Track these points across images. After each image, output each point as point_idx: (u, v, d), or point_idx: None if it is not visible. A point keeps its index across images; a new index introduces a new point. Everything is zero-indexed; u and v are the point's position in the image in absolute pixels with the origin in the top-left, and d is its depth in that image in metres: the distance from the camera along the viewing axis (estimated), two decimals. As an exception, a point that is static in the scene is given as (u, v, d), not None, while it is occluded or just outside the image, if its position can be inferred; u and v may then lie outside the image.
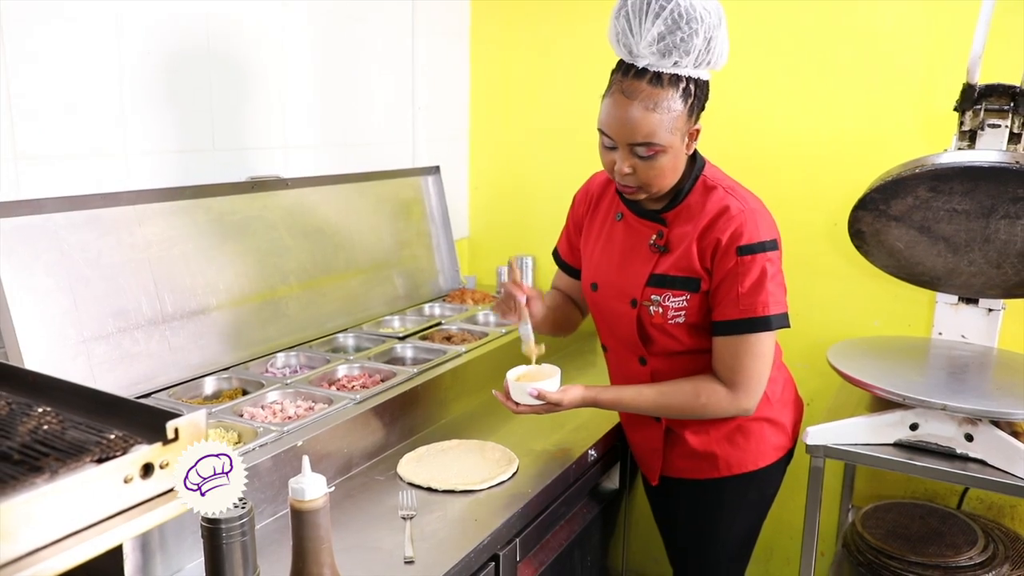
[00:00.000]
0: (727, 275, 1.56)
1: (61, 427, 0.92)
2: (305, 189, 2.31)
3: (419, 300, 2.66)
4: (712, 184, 1.61)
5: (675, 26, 1.43)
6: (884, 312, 2.46)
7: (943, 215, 1.98)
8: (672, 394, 1.64)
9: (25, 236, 1.60)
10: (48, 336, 1.62)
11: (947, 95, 2.15)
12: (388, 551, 1.40)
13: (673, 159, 1.53)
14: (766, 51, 2.51)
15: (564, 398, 1.65)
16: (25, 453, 0.85)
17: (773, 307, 1.56)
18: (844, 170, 2.44)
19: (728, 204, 1.57)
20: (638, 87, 1.47)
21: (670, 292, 1.61)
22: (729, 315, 1.57)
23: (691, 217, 1.60)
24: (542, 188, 2.99)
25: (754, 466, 1.73)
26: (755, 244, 1.54)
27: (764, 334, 1.57)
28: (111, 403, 1.01)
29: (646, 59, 1.47)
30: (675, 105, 1.48)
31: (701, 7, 1.44)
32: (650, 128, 1.48)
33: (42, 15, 1.64)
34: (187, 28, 1.97)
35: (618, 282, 1.69)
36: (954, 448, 1.83)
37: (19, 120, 1.63)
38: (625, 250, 1.69)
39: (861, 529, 2.26)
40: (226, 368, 1.94)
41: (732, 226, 1.55)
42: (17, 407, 0.96)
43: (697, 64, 1.48)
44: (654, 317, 1.64)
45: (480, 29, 3.01)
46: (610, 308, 1.72)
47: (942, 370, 2.08)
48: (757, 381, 1.59)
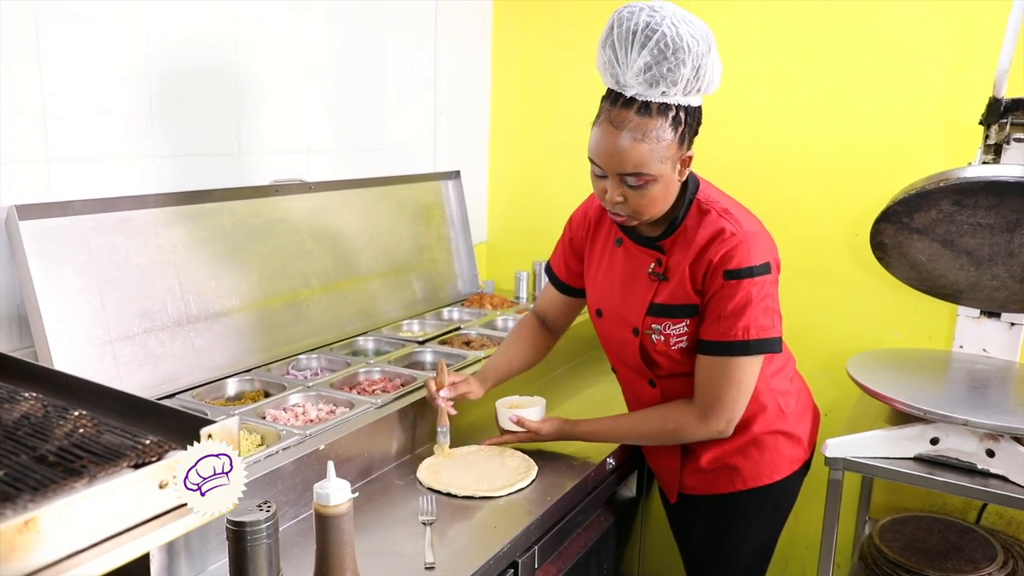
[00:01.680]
0: (713, 296, 1.56)
1: (96, 431, 0.94)
2: (327, 193, 2.33)
3: (438, 304, 2.68)
4: (706, 207, 1.59)
5: (662, 56, 1.40)
6: (904, 324, 2.45)
7: (967, 229, 1.97)
8: (643, 422, 1.69)
9: (55, 237, 1.63)
10: (76, 336, 1.64)
11: (970, 106, 2.15)
12: (409, 556, 1.41)
13: (664, 187, 1.52)
14: (785, 58, 2.50)
15: (543, 427, 1.75)
16: (61, 456, 0.87)
17: (755, 332, 1.54)
18: (865, 180, 2.43)
19: (723, 227, 1.55)
20: (626, 117, 1.45)
21: (670, 321, 1.62)
22: (709, 335, 1.57)
23: (687, 243, 1.59)
24: (561, 193, 2.98)
25: (770, 479, 1.72)
26: (743, 269, 1.52)
27: (742, 359, 1.55)
28: (144, 407, 1.03)
29: (634, 88, 1.44)
30: (664, 134, 1.46)
31: (688, 36, 1.41)
32: (639, 158, 1.46)
33: (76, 22, 1.67)
34: (213, 35, 1.99)
35: (620, 310, 1.70)
36: (975, 464, 1.83)
37: (52, 123, 1.66)
38: (625, 278, 1.69)
39: (878, 542, 2.25)
40: (248, 370, 1.97)
41: (724, 249, 1.53)
42: (53, 410, 0.98)
43: (686, 92, 1.46)
44: (657, 344, 1.64)
45: (502, 33, 3.03)
46: (614, 335, 1.73)
47: (963, 384, 2.07)
48: (729, 406, 1.59)
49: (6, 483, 0.82)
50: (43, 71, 1.62)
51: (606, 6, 2.78)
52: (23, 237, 1.56)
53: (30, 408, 0.98)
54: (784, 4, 2.49)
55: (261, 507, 1.28)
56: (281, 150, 2.24)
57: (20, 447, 0.88)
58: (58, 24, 1.64)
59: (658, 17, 1.41)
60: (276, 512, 1.26)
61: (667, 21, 1.41)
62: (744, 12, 1.50)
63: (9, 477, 0.83)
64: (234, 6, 2.02)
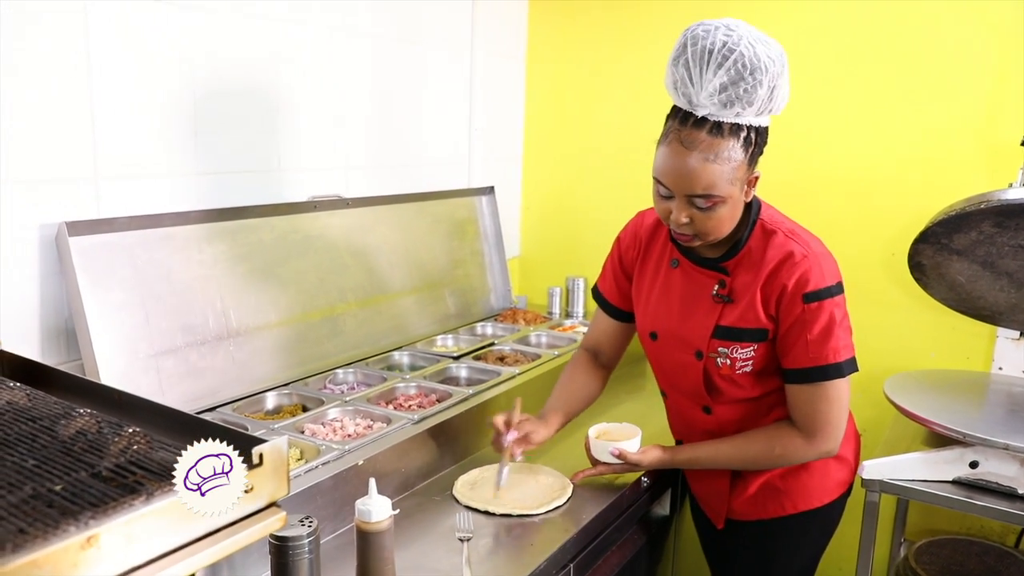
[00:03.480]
0: (795, 323, 1.52)
1: (149, 447, 0.95)
2: (364, 209, 2.35)
3: (471, 319, 2.69)
4: (771, 228, 1.56)
5: (739, 76, 1.37)
6: (941, 344, 2.42)
7: (1008, 251, 1.95)
8: (747, 448, 1.62)
9: (102, 253, 1.66)
10: (122, 349, 1.67)
11: (1011, 126, 2.13)
12: (446, 572, 1.42)
13: (732, 208, 1.48)
14: (822, 76, 2.49)
15: (644, 459, 1.66)
16: (117, 472, 0.89)
17: (843, 352, 1.52)
18: (902, 198, 2.41)
19: (792, 250, 1.53)
20: (697, 137, 1.41)
21: (737, 344, 1.58)
22: (801, 363, 1.54)
23: (753, 265, 1.56)
24: (593, 209, 3.00)
25: (819, 503, 1.69)
26: (822, 290, 1.50)
27: (838, 380, 1.53)
28: (192, 424, 1.04)
29: (706, 109, 1.41)
30: (735, 155, 1.43)
31: (765, 55, 1.39)
32: (710, 180, 1.42)
33: (125, 49, 1.71)
34: (254, 57, 2.03)
35: (681, 332, 1.65)
36: (1016, 488, 1.80)
37: (100, 143, 1.69)
38: (686, 299, 1.64)
39: (915, 564, 2.22)
40: (286, 384, 1.99)
41: (797, 272, 1.50)
42: (107, 426, 1.00)
43: (759, 113, 1.43)
44: (721, 369, 1.61)
45: (536, 51, 3.05)
46: (672, 359, 1.68)
47: (1002, 407, 2.05)
48: (835, 426, 1.57)
49: (65, 498, 0.84)
50: (93, 95, 1.66)
51: (638, 24, 2.83)
52: (72, 253, 1.60)
53: (85, 424, 1.00)
54: (821, 21, 2.49)
55: (303, 522, 1.29)
56: (319, 167, 2.27)
57: (78, 463, 0.90)
58: (107, 51, 1.68)
59: (735, 37, 1.38)
60: (318, 528, 1.28)
61: (744, 41, 1.38)
62: (781, 29, 1.49)
63: (68, 493, 0.85)
64: (274, 27, 2.06)
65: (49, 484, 0.85)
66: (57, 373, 1.20)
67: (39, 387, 1.12)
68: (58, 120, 1.61)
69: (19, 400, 1.07)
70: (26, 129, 1.56)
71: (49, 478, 0.86)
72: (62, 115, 1.62)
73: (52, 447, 0.94)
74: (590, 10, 2.90)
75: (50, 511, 0.81)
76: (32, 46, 1.55)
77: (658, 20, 2.78)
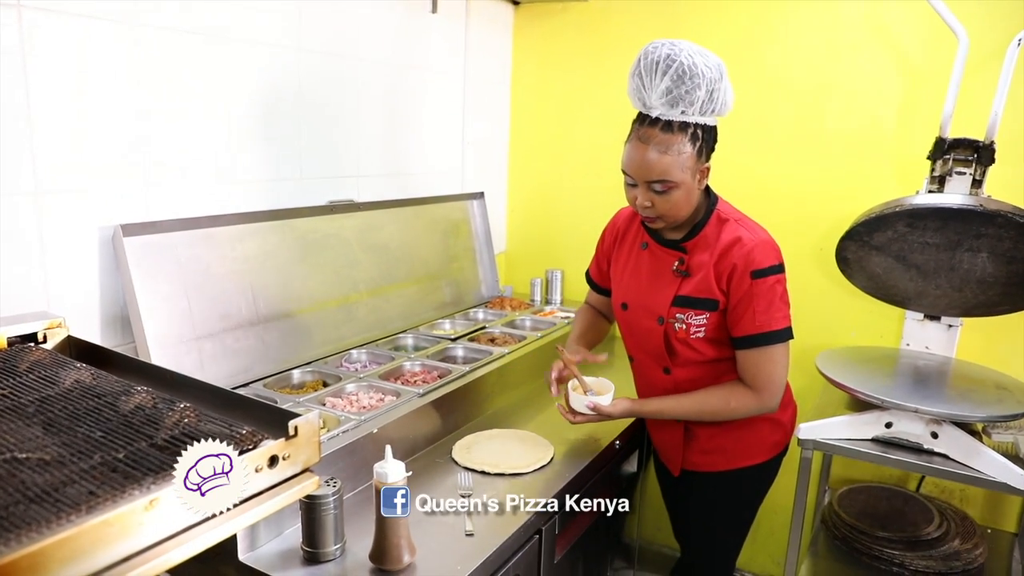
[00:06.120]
0: (744, 296, 1.54)
1: (198, 421, 0.93)
2: (374, 211, 2.32)
3: (464, 306, 2.67)
4: (725, 217, 1.60)
5: (679, 81, 1.43)
6: (860, 325, 2.45)
7: (917, 247, 1.97)
8: (706, 401, 1.63)
9: (151, 251, 1.63)
10: (169, 333, 1.64)
11: (915, 144, 2.15)
12: (451, 525, 1.41)
13: (686, 193, 1.52)
14: (765, 107, 2.50)
15: (615, 410, 1.66)
16: (171, 442, 0.87)
17: (783, 321, 1.55)
18: (830, 203, 2.42)
19: (740, 235, 1.55)
20: (652, 133, 1.48)
21: (692, 311, 1.60)
22: (748, 331, 1.56)
23: (708, 246, 1.59)
24: (569, 212, 2.99)
25: (759, 459, 1.71)
26: (766, 269, 1.53)
27: (779, 344, 1.56)
28: (234, 400, 1.02)
29: (658, 109, 1.47)
30: (685, 148, 1.48)
31: (703, 64, 1.44)
32: (663, 168, 1.48)
33: (163, 69, 1.67)
34: (283, 82, 1.99)
35: (646, 302, 1.68)
36: (922, 444, 1.82)
37: (150, 155, 1.66)
38: (652, 275, 1.68)
39: (837, 508, 2.25)
40: (308, 363, 1.96)
41: (745, 252, 1.53)
42: (162, 402, 0.98)
43: (702, 112, 1.48)
44: (678, 332, 1.63)
45: (519, 77, 3.03)
46: (639, 325, 1.71)
47: (910, 377, 2.06)
48: (777, 384, 1.59)
49: (128, 465, 0.82)
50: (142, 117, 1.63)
51: (605, 54, 2.81)
52: (126, 251, 1.56)
53: (142, 400, 0.98)
54: (758, 59, 2.49)
55: (328, 483, 1.28)
56: (336, 175, 2.23)
57: (138, 434, 0.88)
58: (155, 80, 1.64)
59: (676, 49, 1.45)
60: (341, 488, 1.27)
61: (684, 53, 1.45)
62: (731, 69, 1.53)
63: (130, 460, 0.83)
64: (298, 58, 2.02)
65: (114, 453, 0.83)
66: (116, 355, 1.18)
67: (101, 367, 1.10)
68: (117, 142, 1.57)
69: (85, 379, 1.04)
70: (86, 143, 1.52)
71: (114, 448, 0.84)
72: (119, 137, 1.58)
73: (115, 420, 0.92)
74: (564, 43, 2.89)
75: (115, 476, 0.79)
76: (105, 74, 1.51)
77: (621, 52, 2.75)
